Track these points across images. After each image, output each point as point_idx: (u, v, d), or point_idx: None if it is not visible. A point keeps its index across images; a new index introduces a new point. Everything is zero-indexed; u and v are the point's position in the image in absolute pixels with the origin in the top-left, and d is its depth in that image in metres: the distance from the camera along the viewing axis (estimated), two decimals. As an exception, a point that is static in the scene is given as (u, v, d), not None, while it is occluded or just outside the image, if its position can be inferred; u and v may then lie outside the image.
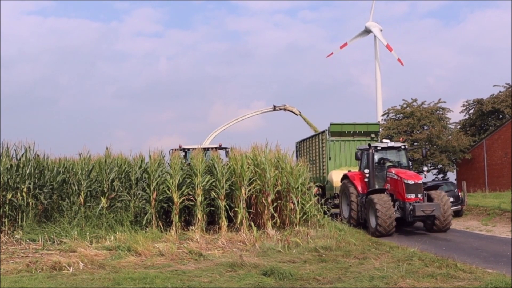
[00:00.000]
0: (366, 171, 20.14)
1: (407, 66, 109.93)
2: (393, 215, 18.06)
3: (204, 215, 18.19)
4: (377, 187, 19.79)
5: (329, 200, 24.21)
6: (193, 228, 17.51)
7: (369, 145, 20.69)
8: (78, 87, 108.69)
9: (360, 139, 26.15)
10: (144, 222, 17.91)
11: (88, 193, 19.15)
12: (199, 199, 18.04)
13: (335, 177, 23.91)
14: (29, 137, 21.20)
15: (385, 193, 19.06)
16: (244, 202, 18.12)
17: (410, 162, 22.14)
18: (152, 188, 18.26)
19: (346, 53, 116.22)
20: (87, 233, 16.70)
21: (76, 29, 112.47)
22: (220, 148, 24.34)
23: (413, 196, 18.63)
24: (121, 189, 19.58)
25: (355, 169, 22.32)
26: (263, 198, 18.34)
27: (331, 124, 25.94)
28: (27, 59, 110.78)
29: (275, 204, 18.48)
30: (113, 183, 19.45)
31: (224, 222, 17.93)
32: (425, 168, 21.12)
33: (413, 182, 18.69)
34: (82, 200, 18.70)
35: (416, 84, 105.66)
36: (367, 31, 48.80)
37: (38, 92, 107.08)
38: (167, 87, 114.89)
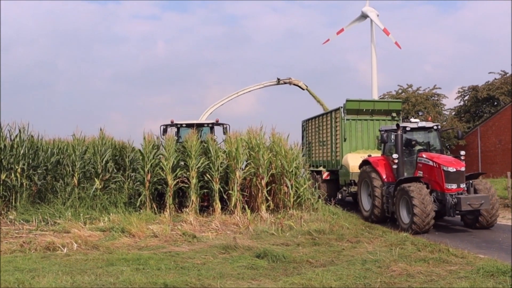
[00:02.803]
0: (395, 156, 17.24)
1: (404, 52, 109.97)
2: (432, 210, 15.29)
3: (198, 198, 18.20)
4: (405, 175, 17.16)
5: (344, 188, 22.41)
6: (187, 210, 17.54)
7: (398, 125, 17.80)
8: (75, 70, 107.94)
9: (379, 118, 23.28)
10: (138, 204, 17.91)
11: (82, 174, 19.14)
12: (193, 181, 18.05)
13: (352, 161, 21.31)
14: (25, 119, 21.11)
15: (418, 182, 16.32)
16: (238, 185, 18.14)
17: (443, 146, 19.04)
18: (146, 170, 18.24)
19: (343, 39, 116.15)
20: (81, 214, 16.71)
21: (73, 11, 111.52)
22: (217, 124, 22.07)
23: (454, 186, 15.83)
24: (115, 170, 19.56)
25: (375, 153, 20.14)
26: (257, 181, 18.35)
27: (347, 101, 22.90)
28: (24, 42, 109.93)
29: (269, 188, 18.49)
30: (107, 165, 19.43)
31: (218, 205, 17.95)
32: (462, 152, 17.47)
33: (454, 170, 15.85)
34: (76, 181, 18.70)
35: (413, 71, 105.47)
36: (364, 16, 48.06)
37: (35, 75, 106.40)
38: (164, 71, 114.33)
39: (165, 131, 21.26)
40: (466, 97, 52.08)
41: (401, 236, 13.75)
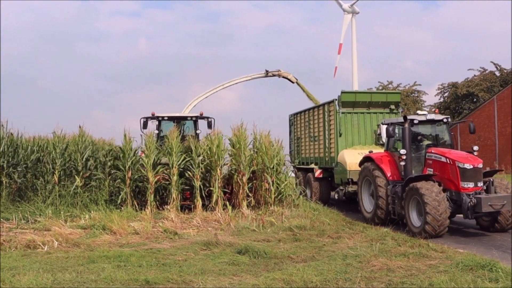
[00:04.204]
0: (403, 151, 15.48)
1: (385, 49, 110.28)
2: (446, 212, 13.69)
3: (179, 195, 18.14)
4: (413, 173, 15.56)
5: (340, 187, 20.73)
6: (168, 207, 17.48)
7: (405, 117, 16.03)
8: (56, 66, 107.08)
9: (377, 111, 21.48)
10: (119, 201, 17.75)
11: (63, 172, 18.98)
12: (175, 178, 17.98)
13: (349, 158, 19.58)
14: (7, 117, 20.91)
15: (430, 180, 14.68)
16: (219, 181, 18.11)
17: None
18: (127, 167, 18.14)
19: (328, 35, 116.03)
20: (62, 212, 16.57)
21: (54, 7, 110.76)
22: (201, 117, 20.93)
23: (471, 185, 14.13)
24: (96, 168, 19.44)
25: (374, 149, 18.68)
26: (238, 178, 18.35)
27: (342, 93, 20.99)
28: (5, 38, 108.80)
29: (250, 184, 18.50)
30: (88, 162, 19.30)
31: (199, 202, 17.92)
32: (476, 147, 15.99)
33: (471, 167, 14.18)
34: (56, 179, 18.53)
35: (393, 67, 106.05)
36: (343, 9, 47.99)
37: (16, 72, 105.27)
38: (147, 68, 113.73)
39: (145, 124, 20.28)
40: (446, 94, 52.65)
41: (381, 232, 13.89)
